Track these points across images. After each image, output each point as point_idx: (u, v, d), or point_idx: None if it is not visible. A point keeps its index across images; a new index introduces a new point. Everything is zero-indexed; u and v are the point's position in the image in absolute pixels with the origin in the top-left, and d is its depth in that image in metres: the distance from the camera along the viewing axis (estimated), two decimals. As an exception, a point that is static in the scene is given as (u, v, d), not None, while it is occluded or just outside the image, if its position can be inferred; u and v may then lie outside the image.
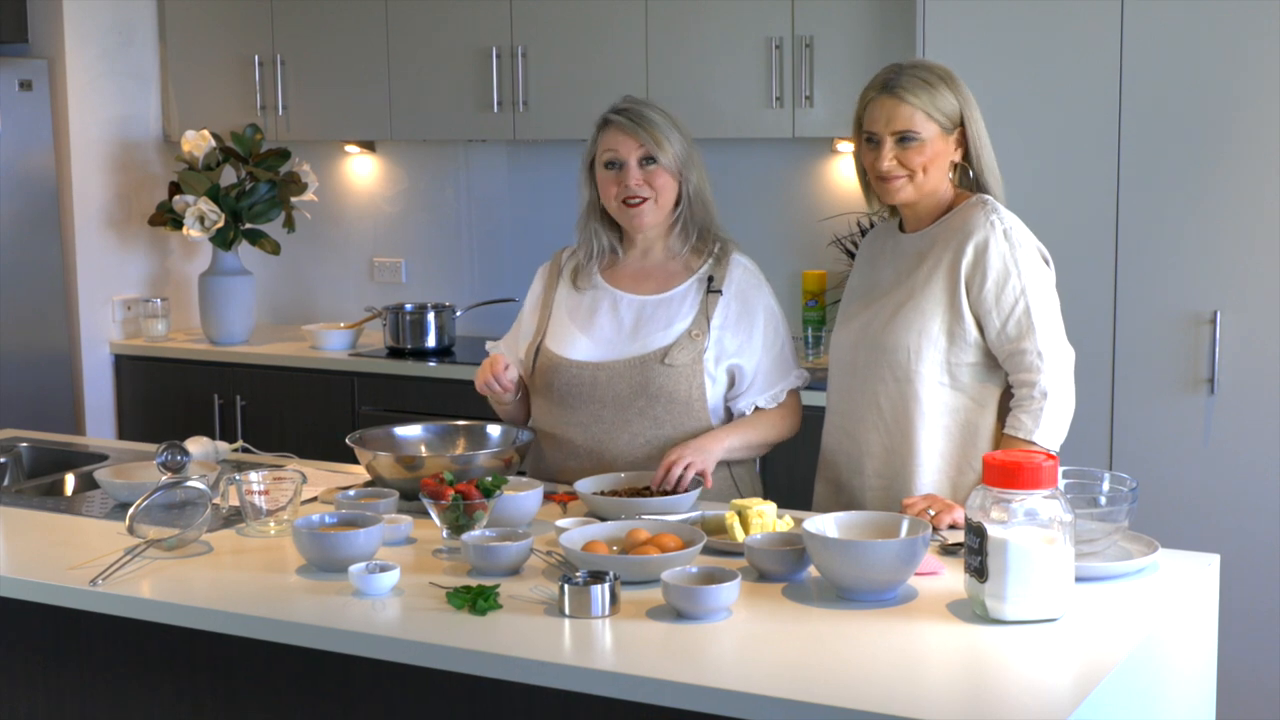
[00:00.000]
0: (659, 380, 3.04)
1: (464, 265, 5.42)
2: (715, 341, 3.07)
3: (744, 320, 3.09)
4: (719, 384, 3.09)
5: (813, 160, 4.82)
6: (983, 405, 2.89)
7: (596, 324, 3.11)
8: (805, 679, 2.06)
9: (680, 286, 3.11)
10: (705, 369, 3.06)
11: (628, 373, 3.05)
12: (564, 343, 3.11)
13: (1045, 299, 2.84)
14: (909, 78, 2.87)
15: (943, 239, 2.88)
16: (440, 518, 2.66)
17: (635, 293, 3.12)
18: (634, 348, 3.07)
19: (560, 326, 3.14)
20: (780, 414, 3.13)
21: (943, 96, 2.86)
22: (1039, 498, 2.27)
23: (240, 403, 5.14)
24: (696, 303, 3.08)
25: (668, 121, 3.07)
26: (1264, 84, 3.69)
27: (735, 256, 3.13)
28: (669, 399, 3.04)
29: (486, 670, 2.21)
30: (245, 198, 5.16)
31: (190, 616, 2.46)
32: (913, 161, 2.87)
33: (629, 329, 3.09)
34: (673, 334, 3.07)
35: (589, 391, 3.07)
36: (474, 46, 4.94)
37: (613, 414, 3.06)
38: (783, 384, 3.13)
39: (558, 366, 3.10)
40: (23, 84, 5.07)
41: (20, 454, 3.64)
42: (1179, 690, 2.44)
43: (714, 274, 3.10)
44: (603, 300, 3.13)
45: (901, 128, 2.87)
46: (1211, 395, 3.82)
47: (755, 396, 3.11)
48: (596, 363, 3.07)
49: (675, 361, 3.04)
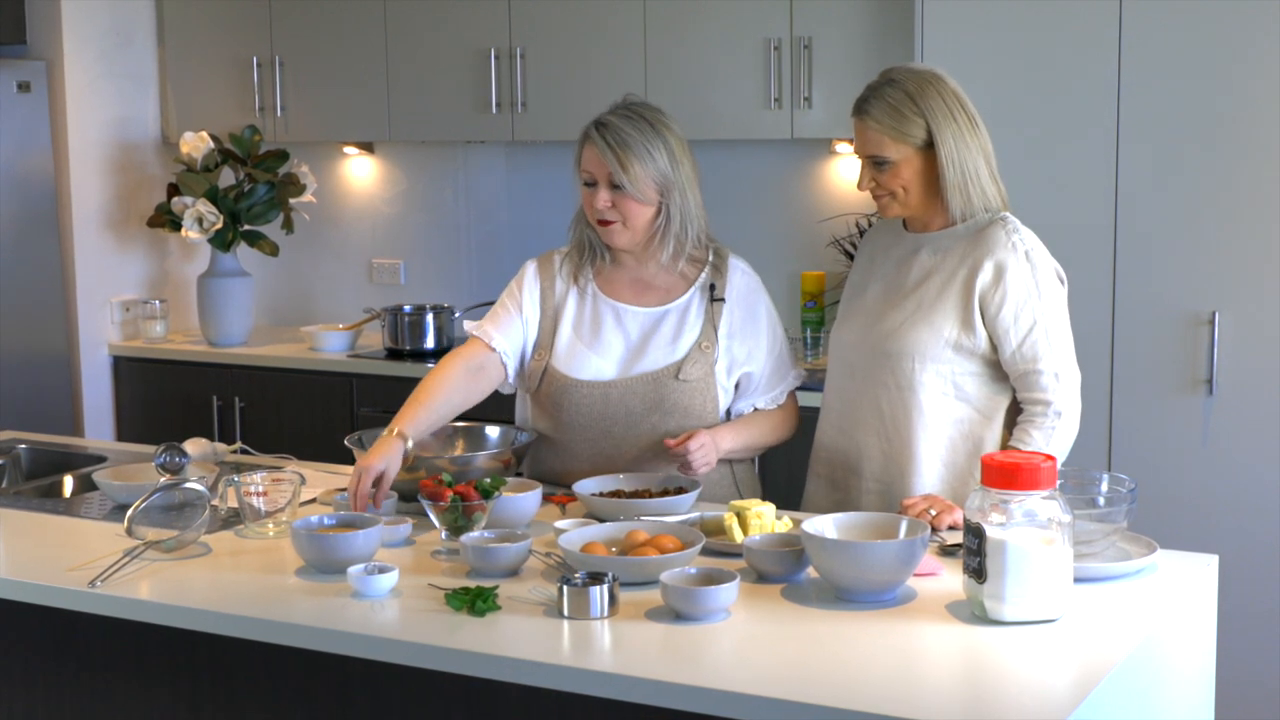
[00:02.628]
0: (674, 396, 3.01)
1: (463, 266, 5.42)
2: (725, 351, 3.04)
3: (749, 326, 3.07)
4: (729, 394, 3.08)
5: (811, 161, 4.82)
6: (988, 417, 2.89)
7: (603, 340, 3.06)
8: (804, 680, 2.06)
9: (682, 298, 3.07)
10: (718, 381, 3.04)
11: (641, 389, 3.02)
12: (573, 363, 3.05)
13: (1061, 320, 2.84)
14: (877, 99, 2.83)
15: (957, 252, 2.86)
16: (439, 519, 2.66)
17: (637, 305, 3.08)
18: (644, 364, 3.03)
19: (566, 346, 3.07)
20: (781, 416, 3.12)
21: (908, 119, 2.80)
22: (1037, 498, 2.27)
23: (239, 404, 5.14)
24: (701, 312, 3.06)
25: (652, 139, 2.95)
26: (1263, 84, 3.69)
27: (733, 261, 3.11)
28: (683, 413, 3.01)
29: (485, 671, 2.21)
30: (244, 199, 5.16)
31: (189, 618, 2.46)
32: (889, 184, 2.85)
33: (636, 344, 3.05)
34: (682, 347, 3.03)
35: (600, 409, 3.03)
36: (472, 48, 4.94)
37: (623, 430, 3.03)
38: (782, 385, 3.12)
39: (567, 388, 3.04)
40: (21, 85, 5.07)
41: (19, 455, 3.64)
42: (1178, 691, 2.44)
43: (715, 282, 3.07)
44: (605, 315, 3.08)
45: (870, 152, 2.85)
46: (1210, 396, 3.82)
47: (756, 398, 3.10)
48: (608, 381, 3.03)
49: (690, 376, 3.01)
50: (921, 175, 2.85)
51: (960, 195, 2.84)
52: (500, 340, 3.08)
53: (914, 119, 2.81)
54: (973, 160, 2.84)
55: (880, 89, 2.85)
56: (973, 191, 2.85)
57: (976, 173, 2.85)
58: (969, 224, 2.87)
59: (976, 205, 2.86)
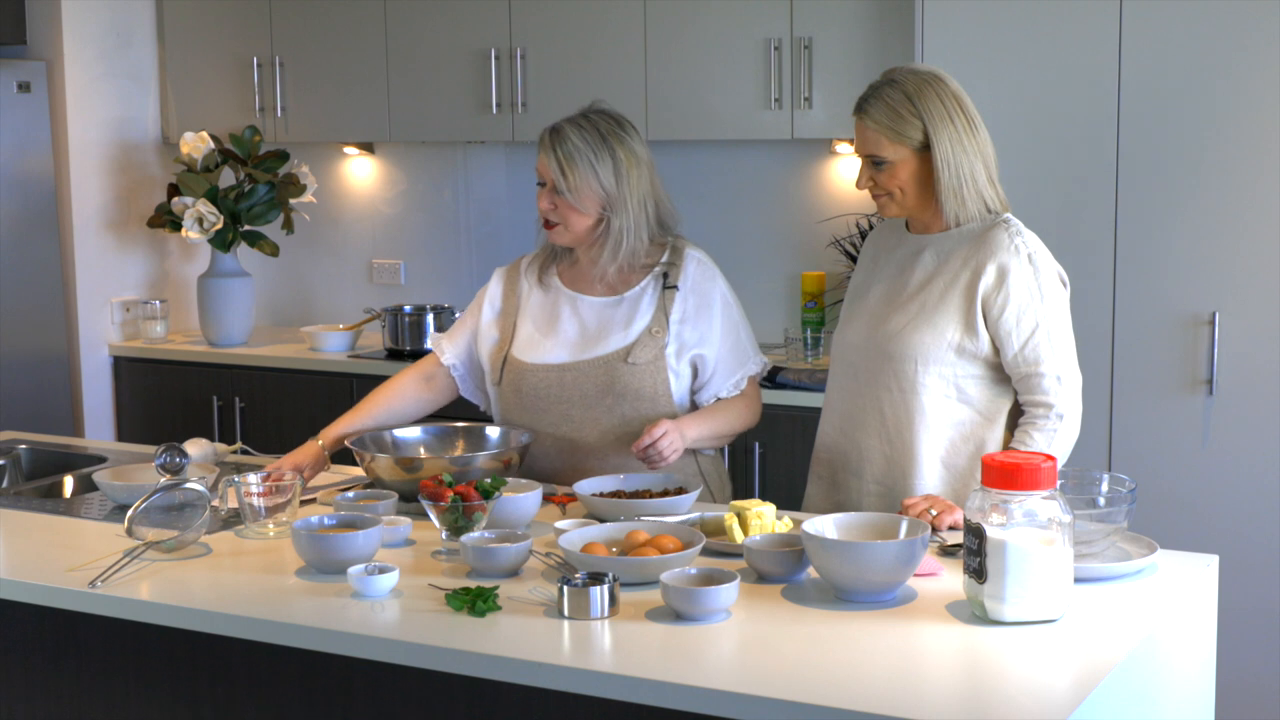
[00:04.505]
0: (624, 379, 3.09)
1: (463, 266, 5.42)
2: (675, 336, 3.12)
3: (702, 312, 3.15)
4: (683, 378, 3.14)
5: (811, 161, 4.82)
6: (990, 420, 2.89)
7: (559, 328, 3.17)
8: (804, 680, 2.06)
9: (637, 287, 3.16)
10: (668, 364, 3.11)
11: (593, 373, 3.11)
12: (529, 349, 3.17)
13: (1063, 323, 2.84)
14: (876, 99, 2.84)
15: (960, 254, 2.85)
16: (439, 519, 2.66)
17: (593, 295, 3.18)
18: (597, 349, 3.13)
19: (525, 334, 3.19)
20: (743, 403, 3.19)
21: (905, 120, 2.81)
22: (1038, 499, 2.27)
23: (239, 404, 5.14)
24: (654, 300, 3.14)
25: (600, 152, 3.05)
26: (1262, 84, 3.69)
27: (689, 251, 3.19)
28: (635, 396, 3.09)
29: (485, 672, 2.21)
30: (244, 199, 5.16)
31: (189, 618, 2.46)
32: (886, 184, 2.86)
33: (592, 331, 3.15)
34: (633, 333, 3.12)
35: (556, 393, 3.13)
36: (472, 48, 4.94)
37: (581, 413, 3.12)
38: (742, 372, 3.18)
39: (524, 372, 3.16)
40: (21, 86, 5.07)
41: (19, 456, 3.64)
42: (1178, 691, 2.44)
43: (669, 271, 3.16)
44: (563, 305, 3.19)
45: (868, 152, 2.86)
46: (1210, 396, 3.82)
47: (717, 387, 3.16)
48: (562, 364, 3.13)
49: (638, 359, 3.09)
50: (917, 177, 2.85)
51: (954, 198, 2.84)
52: (451, 354, 3.27)
53: (911, 120, 2.81)
54: (969, 164, 2.83)
55: (880, 89, 2.85)
56: (968, 195, 2.84)
57: (973, 176, 2.84)
58: (971, 226, 2.87)
59: (971, 209, 2.85)
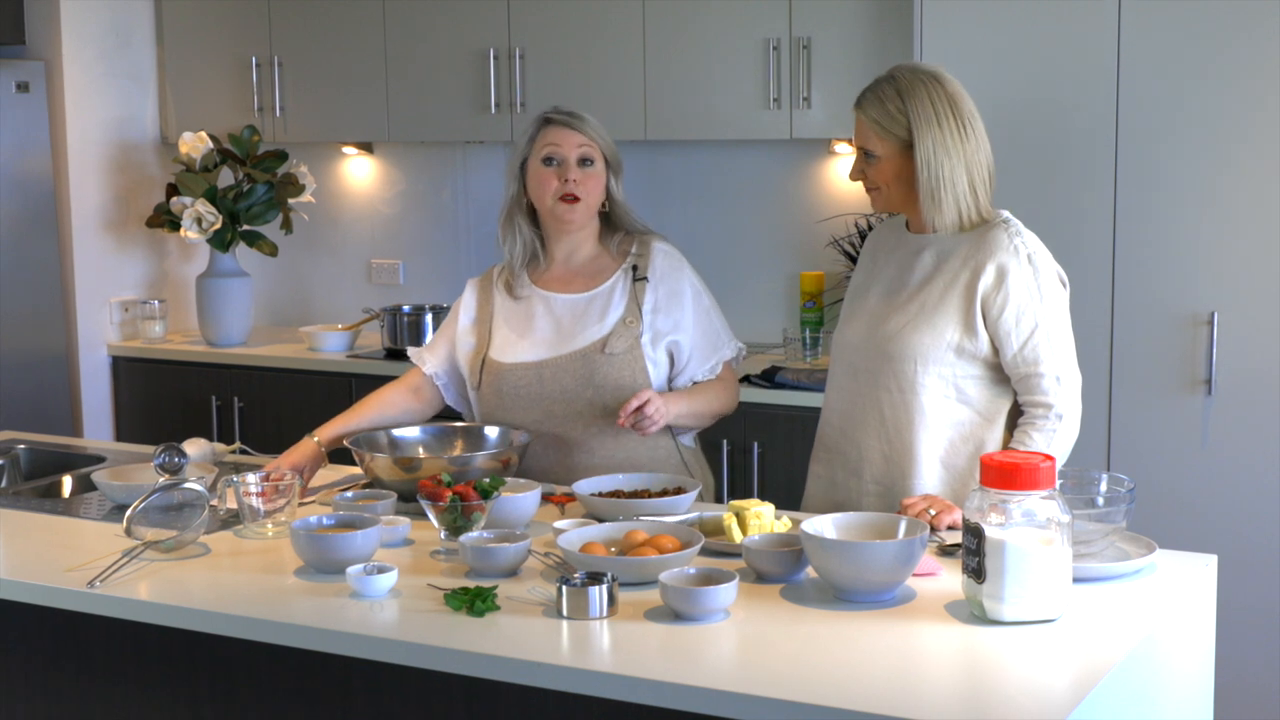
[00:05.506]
0: (603, 370, 3.13)
1: (462, 266, 5.41)
2: (649, 325, 3.18)
3: (673, 300, 3.21)
4: (660, 365, 3.19)
5: (810, 161, 4.82)
6: (990, 420, 2.88)
7: (534, 328, 3.21)
8: (803, 680, 2.06)
9: (608, 282, 3.22)
10: (645, 352, 3.16)
11: (570, 367, 3.15)
12: (505, 350, 3.21)
13: (1062, 323, 2.84)
14: (872, 93, 2.87)
15: (959, 254, 2.85)
16: (438, 519, 2.66)
17: (565, 293, 3.23)
18: (573, 343, 3.17)
19: (501, 337, 3.23)
20: (720, 386, 3.25)
21: (892, 117, 2.82)
22: (1036, 498, 2.27)
23: (238, 404, 5.14)
24: (625, 292, 3.20)
25: (600, 126, 3.22)
26: (1262, 84, 3.69)
27: (656, 244, 3.25)
28: (615, 387, 3.13)
29: (484, 672, 2.21)
30: (243, 199, 5.16)
31: (188, 618, 2.46)
32: (874, 177, 2.88)
33: (567, 327, 3.19)
34: (608, 325, 3.18)
35: (536, 390, 3.16)
36: (471, 48, 4.94)
37: (563, 409, 3.15)
38: (717, 356, 3.24)
39: (503, 372, 3.19)
40: (20, 86, 5.07)
41: (18, 456, 3.64)
42: (1177, 691, 2.44)
43: (637, 263, 3.22)
44: (536, 306, 3.24)
45: (860, 144, 2.88)
46: (1209, 396, 3.82)
47: (693, 372, 3.22)
48: (540, 361, 3.17)
49: (614, 350, 3.14)
50: (901, 175, 2.85)
51: (930, 200, 2.82)
52: (432, 364, 3.32)
53: (897, 117, 2.82)
54: (950, 168, 2.81)
55: (879, 84, 2.88)
56: (944, 198, 2.82)
57: (952, 181, 2.81)
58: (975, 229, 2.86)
59: (948, 216, 2.83)
